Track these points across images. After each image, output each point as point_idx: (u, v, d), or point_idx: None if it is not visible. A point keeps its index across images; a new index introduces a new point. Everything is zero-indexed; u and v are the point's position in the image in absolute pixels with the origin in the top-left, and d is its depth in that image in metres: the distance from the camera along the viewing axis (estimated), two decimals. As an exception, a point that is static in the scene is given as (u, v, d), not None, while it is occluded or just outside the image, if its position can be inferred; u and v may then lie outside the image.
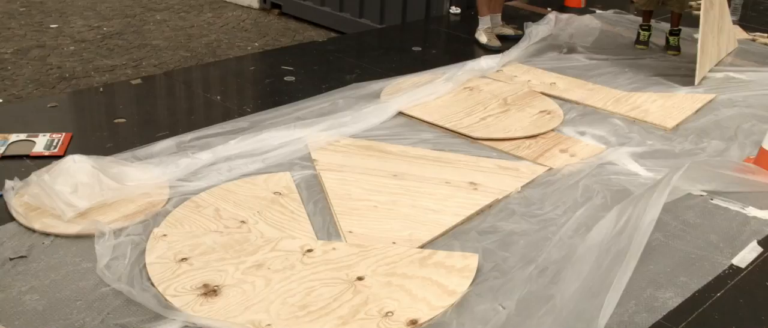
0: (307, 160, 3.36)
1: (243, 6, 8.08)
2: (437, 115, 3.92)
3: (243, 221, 2.82)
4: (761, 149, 3.50)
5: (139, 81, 4.39)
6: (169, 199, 2.95)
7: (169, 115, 3.94)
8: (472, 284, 2.49)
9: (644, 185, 3.23)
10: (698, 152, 3.70)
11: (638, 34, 5.46)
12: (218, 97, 4.19)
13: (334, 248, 2.66)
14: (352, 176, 3.21)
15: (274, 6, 7.84)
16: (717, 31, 5.00)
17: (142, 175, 3.06)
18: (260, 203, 2.96)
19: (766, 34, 5.92)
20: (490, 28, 5.36)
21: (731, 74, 4.92)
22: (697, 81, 4.62)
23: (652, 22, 5.45)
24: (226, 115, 3.85)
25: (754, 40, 5.81)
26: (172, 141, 3.45)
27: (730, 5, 5.68)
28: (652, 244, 2.84)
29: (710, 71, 4.90)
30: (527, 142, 3.70)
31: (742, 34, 5.91)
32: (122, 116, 3.83)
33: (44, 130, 3.51)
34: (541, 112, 4.05)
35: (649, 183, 3.24)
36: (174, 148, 3.38)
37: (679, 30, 5.29)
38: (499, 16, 5.56)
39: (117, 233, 2.68)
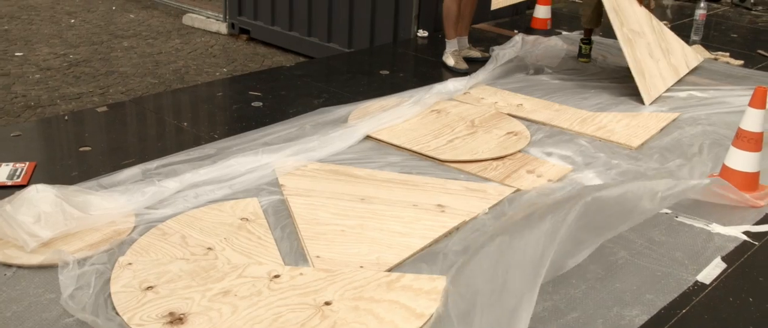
0: (275, 185, 3.35)
1: (211, 32, 8.07)
2: (404, 138, 3.93)
3: (210, 248, 2.80)
4: (724, 166, 3.56)
5: (105, 108, 4.36)
6: (134, 227, 2.93)
7: (135, 143, 3.91)
8: (439, 306, 2.49)
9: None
10: (663, 171, 3.74)
11: (580, 47, 5.68)
12: (185, 123, 4.17)
13: (301, 274, 2.65)
14: (319, 201, 3.21)
15: (243, 31, 7.85)
16: (660, 53, 5.10)
17: (107, 203, 3.03)
18: (227, 229, 2.95)
19: (727, 53, 6.03)
20: (458, 51, 5.41)
21: (694, 93, 5.00)
22: (647, 101, 4.71)
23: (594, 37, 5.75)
24: (194, 142, 3.83)
25: (716, 59, 5.91)
26: (138, 169, 3.43)
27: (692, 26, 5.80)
28: (618, 262, 2.88)
29: (674, 90, 4.97)
30: (494, 163, 3.72)
31: (705, 54, 6.01)
32: (88, 144, 3.80)
33: (7, 160, 3.47)
34: (508, 133, 4.08)
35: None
36: (140, 176, 3.36)
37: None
38: (466, 39, 5.61)
39: (81, 262, 2.65)
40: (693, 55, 5.52)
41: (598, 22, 5.51)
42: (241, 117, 4.28)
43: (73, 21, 8.29)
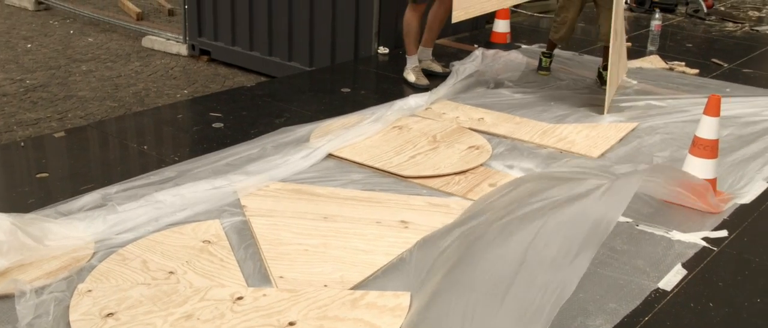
0: (237, 206, 3.33)
1: (171, 54, 8.02)
2: (366, 155, 3.93)
3: (171, 272, 2.77)
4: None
5: (62, 133, 4.30)
6: (94, 253, 2.88)
7: (95, 168, 3.86)
8: (403, 322, 2.49)
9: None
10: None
11: (540, 60, 5.73)
12: (146, 146, 4.13)
13: (264, 295, 2.63)
14: (282, 221, 3.19)
15: (203, 52, 7.80)
16: (617, 58, 5.17)
17: (66, 230, 2.98)
18: (189, 252, 2.91)
19: (683, 63, 6.14)
20: (418, 66, 5.43)
21: (652, 102, 5.07)
22: (605, 110, 4.77)
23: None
24: (154, 165, 3.79)
25: (672, 69, 6.01)
26: (97, 194, 3.38)
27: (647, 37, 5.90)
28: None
29: (633, 100, 5.05)
30: (457, 178, 3.73)
31: (661, 64, 6.11)
32: (45, 171, 3.73)
33: (-38, 189, 3.40)
34: (470, 147, 4.10)
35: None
36: (99, 201, 3.31)
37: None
38: (429, 51, 5.63)
39: (39, 291, 2.60)
40: (625, 65, 5.60)
41: (567, 40, 5.54)
42: (202, 139, 4.24)
43: (29, 46, 8.18)
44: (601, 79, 5.43)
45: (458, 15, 4.78)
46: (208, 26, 7.67)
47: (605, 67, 5.35)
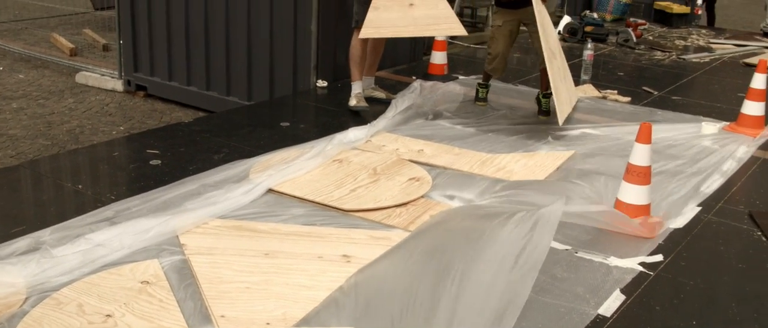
0: (176, 245, 3.27)
1: (107, 90, 7.89)
2: (307, 189, 3.92)
3: (108, 315, 2.70)
4: (617, 200, 3.69)
5: (-7, 175, 4.18)
6: (26, 298, 2.79)
7: (27, 209, 3.75)
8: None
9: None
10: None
11: (477, 91, 5.82)
12: (80, 186, 4.03)
13: (205, 335, 2.58)
14: (222, 258, 3.14)
15: (140, 88, 7.70)
16: (561, 78, 5.28)
17: (-3, 275, 2.89)
18: (127, 294, 2.85)
19: (615, 91, 6.30)
20: (361, 92, 5.48)
21: (587, 130, 5.19)
22: (561, 121, 4.83)
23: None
24: (90, 205, 3.70)
25: (605, 98, 6.16)
26: (30, 236, 3.28)
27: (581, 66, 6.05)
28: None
29: (568, 129, 5.14)
30: (398, 210, 3.74)
31: (594, 93, 6.26)
32: (-26, 214, 3.62)
33: None
34: (410, 179, 4.12)
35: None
36: (33, 244, 3.21)
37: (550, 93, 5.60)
38: (372, 80, 5.71)
39: (-32, 340, 2.51)
40: (575, 92, 5.72)
41: (503, 71, 5.63)
42: (139, 176, 4.17)
43: (-44, 84, 7.97)
44: (540, 106, 5.53)
45: (368, 32, 4.84)
46: (144, 61, 7.58)
47: (545, 95, 5.46)
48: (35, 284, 2.89)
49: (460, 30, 5.08)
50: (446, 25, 5.05)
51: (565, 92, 5.16)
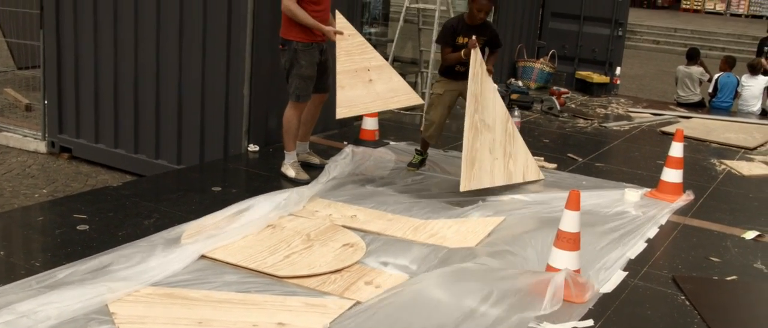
0: (105, 314, 3.18)
1: (29, 151, 7.68)
2: (241, 255, 3.88)
3: (33, 389, 2.59)
4: (548, 266, 3.76)
5: None
6: (-55, 372, 2.66)
7: (-56, 277, 3.60)
8: None
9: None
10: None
11: (413, 156, 5.95)
12: (2, 252, 3.89)
13: None
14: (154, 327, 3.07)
15: (64, 150, 7.52)
16: (501, 154, 5.39)
17: None
18: (53, 366, 2.75)
19: (542, 158, 6.46)
20: (296, 161, 5.47)
21: (516, 197, 5.30)
22: (462, 188, 4.99)
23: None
24: (11, 273, 3.57)
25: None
26: (-55, 308, 3.14)
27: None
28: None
29: (498, 195, 5.24)
30: (333, 276, 3.73)
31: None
32: None
33: None
34: (345, 245, 4.12)
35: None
36: (-52, 316, 3.08)
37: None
38: (306, 145, 5.73)
39: None
40: (535, 171, 5.78)
41: (438, 138, 5.77)
42: (65, 242, 4.05)
43: None
44: (410, 162, 5.84)
45: (342, 112, 4.91)
46: (69, 122, 7.42)
47: (417, 151, 5.87)
48: (-47, 357, 2.77)
49: (417, 100, 5.56)
50: (405, 96, 5.42)
51: (489, 165, 5.27)
